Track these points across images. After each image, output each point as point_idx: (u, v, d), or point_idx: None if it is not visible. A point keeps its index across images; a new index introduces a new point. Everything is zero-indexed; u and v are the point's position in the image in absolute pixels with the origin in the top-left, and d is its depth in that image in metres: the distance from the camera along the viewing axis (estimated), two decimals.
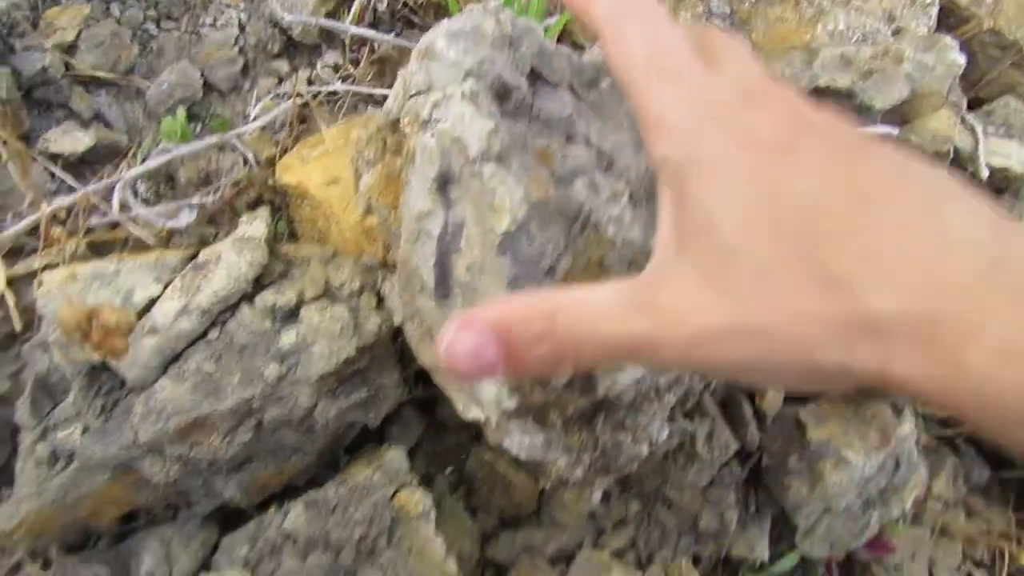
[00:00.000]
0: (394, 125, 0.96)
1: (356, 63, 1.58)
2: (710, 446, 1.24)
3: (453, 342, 0.51)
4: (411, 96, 0.93)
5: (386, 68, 1.60)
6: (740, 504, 1.31)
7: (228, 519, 1.14)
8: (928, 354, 0.33)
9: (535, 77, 1.02)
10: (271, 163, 1.44)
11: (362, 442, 1.28)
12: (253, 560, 1.08)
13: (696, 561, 1.33)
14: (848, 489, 1.25)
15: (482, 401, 0.98)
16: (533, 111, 0.99)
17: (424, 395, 1.32)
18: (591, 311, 0.51)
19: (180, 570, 1.09)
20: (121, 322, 0.61)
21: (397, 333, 1.14)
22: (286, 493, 1.15)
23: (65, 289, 0.99)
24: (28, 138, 1.41)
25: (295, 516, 1.08)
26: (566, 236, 0.93)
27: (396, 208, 0.94)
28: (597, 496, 1.04)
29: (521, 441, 0.99)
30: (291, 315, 1.03)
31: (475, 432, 1.38)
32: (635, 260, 0.97)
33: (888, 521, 1.37)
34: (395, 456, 1.15)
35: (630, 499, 1.34)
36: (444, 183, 0.87)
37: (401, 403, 1.29)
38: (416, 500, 1.13)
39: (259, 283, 1.04)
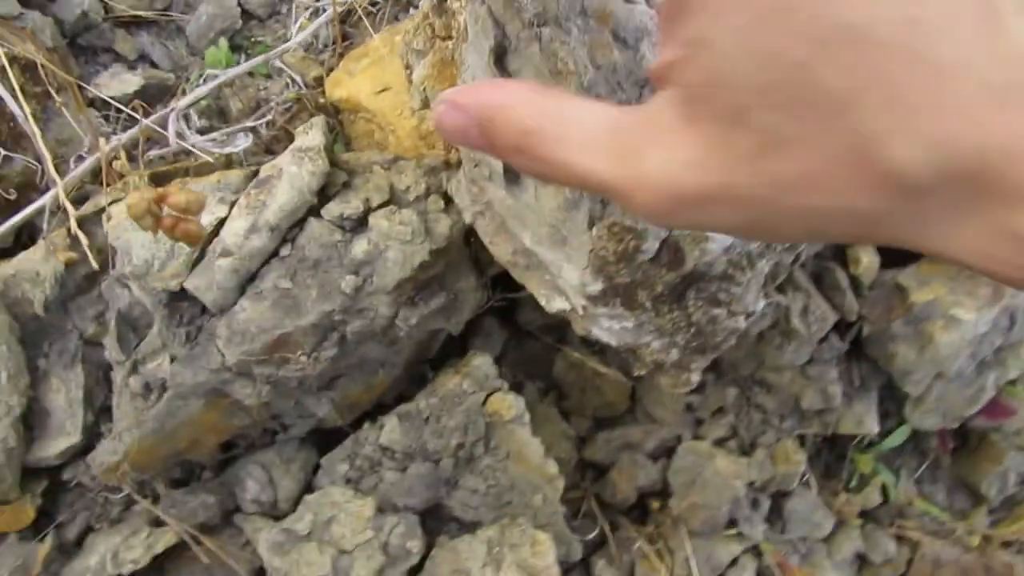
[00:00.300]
0: (440, 6, 0.90)
1: None
2: (806, 320, 1.18)
3: (443, 115, 0.49)
4: None
5: None
6: (843, 379, 1.24)
7: (325, 440, 1.14)
8: (968, 220, 0.27)
9: None
10: (319, 83, 1.40)
11: (446, 355, 1.25)
12: (354, 477, 1.08)
13: (802, 442, 1.28)
14: (960, 350, 1.17)
15: (565, 289, 0.94)
16: None
17: (504, 303, 1.29)
18: (569, 137, 0.45)
19: (284, 494, 1.09)
20: (192, 202, 0.57)
21: (469, 237, 1.10)
22: (378, 410, 1.14)
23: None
24: (80, 87, 1.40)
25: (390, 430, 1.07)
26: (637, 101, 0.86)
27: None
28: (695, 378, 0.99)
29: (610, 327, 0.95)
30: (360, 224, 1.00)
31: (559, 335, 1.35)
32: None
33: (1005, 383, 1.29)
34: (482, 362, 1.12)
35: (726, 386, 1.29)
36: (501, 54, 0.81)
37: (481, 313, 1.26)
38: (508, 404, 1.11)
39: (324, 195, 1.00)
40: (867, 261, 1.21)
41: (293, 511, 1.08)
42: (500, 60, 0.81)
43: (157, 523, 1.05)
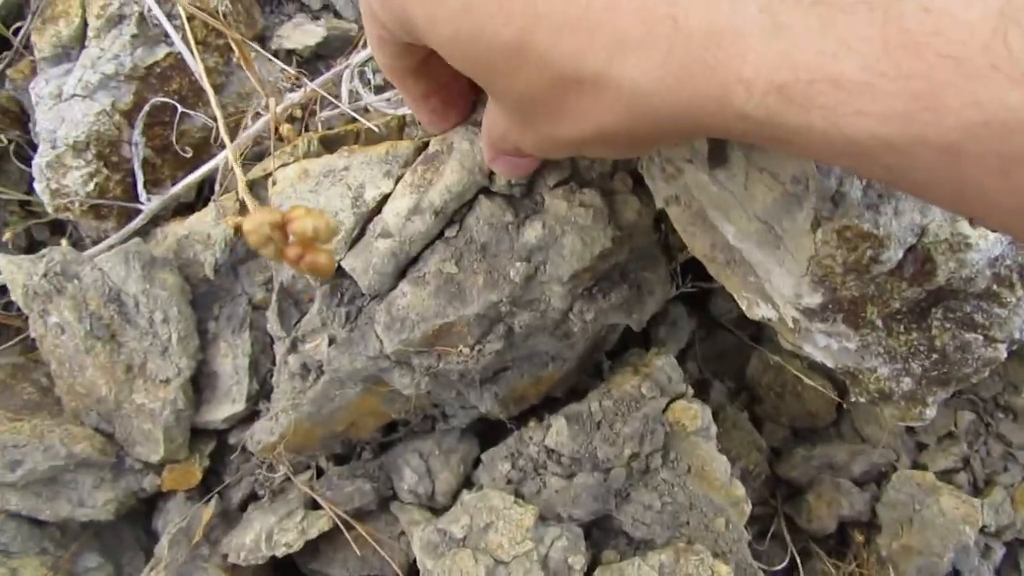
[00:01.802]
0: None
1: None
2: None
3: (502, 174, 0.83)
4: None
5: None
6: None
7: (488, 431, 1.05)
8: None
9: None
10: None
11: (625, 345, 1.12)
12: (516, 478, 0.98)
13: None
14: None
15: (773, 296, 0.78)
16: None
17: (693, 288, 1.13)
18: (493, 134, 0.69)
19: (442, 487, 1.02)
20: (320, 229, 0.46)
21: (659, 220, 0.95)
22: (546, 404, 1.04)
23: (297, 187, 0.91)
24: (263, 39, 1.36)
25: (556, 432, 0.96)
26: None
27: None
28: (930, 413, 0.80)
29: (827, 345, 0.78)
30: (535, 205, 0.88)
31: (756, 331, 1.18)
32: None
33: None
34: (665, 363, 0.98)
35: (960, 408, 1.07)
36: None
37: (668, 299, 1.11)
38: (693, 413, 0.97)
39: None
40: None
41: (451, 504, 1.00)
42: None
43: (314, 504, 1.00)
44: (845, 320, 0.74)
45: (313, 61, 1.38)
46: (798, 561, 1.08)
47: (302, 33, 1.34)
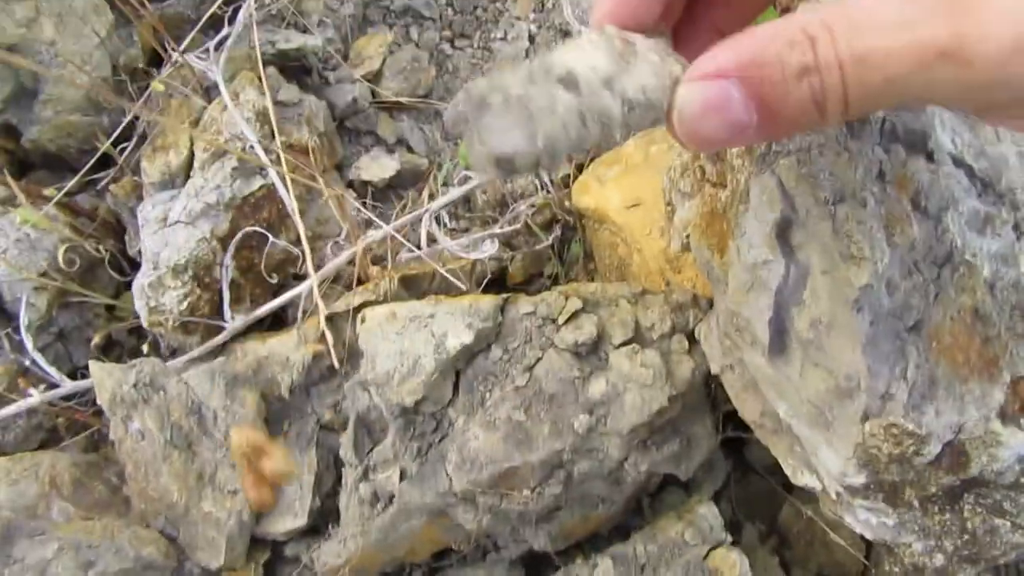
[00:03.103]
0: (716, 154, 0.85)
1: None
2: None
3: (686, 104, 0.44)
4: None
5: None
6: None
7: (535, 564, 1.11)
8: None
9: None
10: (566, 183, 1.39)
11: (664, 484, 1.19)
12: None
13: None
14: None
15: (819, 470, 0.85)
16: (885, 126, 0.83)
17: (733, 435, 1.21)
18: (870, 21, 0.39)
19: None
20: (282, 475, 0.56)
21: (708, 379, 1.04)
22: (591, 540, 1.10)
23: (385, 328, 1.00)
24: (340, 167, 1.48)
25: (603, 571, 1.02)
26: (935, 283, 0.76)
27: (723, 252, 0.83)
28: None
29: (867, 520, 0.85)
30: (600, 361, 0.97)
31: (788, 480, 1.24)
32: (1020, 306, 0.78)
33: None
34: (707, 512, 1.05)
35: (982, 572, 1.13)
36: (785, 227, 0.75)
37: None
38: (732, 562, 1.03)
39: (555, 322, 0.98)
40: None
41: None
42: (783, 233, 0.75)
43: None
44: (885, 499, 0.81)
45: (385, 191, 1.49)
46: None
47: (378, 166, 1.46)
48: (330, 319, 1.13)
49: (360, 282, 1.16)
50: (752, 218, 0.76)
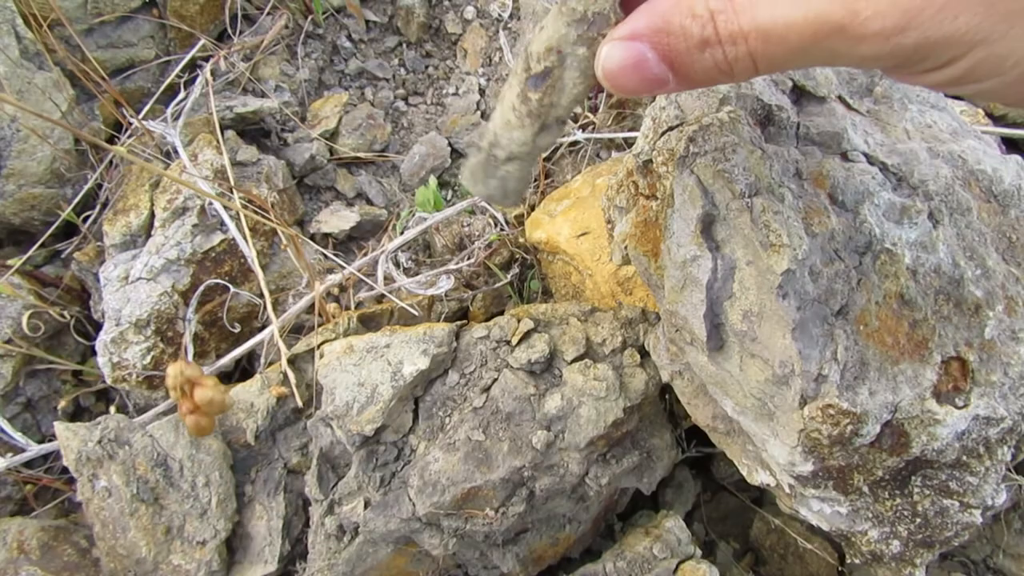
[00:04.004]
0: (646, 167, 0.89)
1: (595, 110, 1.54)
2: None
3: (607, 60, 0.48)
4: (663, 133, 0.86)
5: (625, 111, 1.55)
6: None
7: None
8: None
9: (799, 92, 0.91)
10: (520, 221, 1.43)
11: (635, 507, 1.20)
12: None
13: None
14: None
15: (770, 464, 0.87)
16: (800, 130, 0.88)
17: (698, 454, 1.22)
18: None
19: None
20: (215, 402, 0.60)
21: (665, 389, 1.06)
22: (562, 564, 1.10)
23: (343, 360, 1.02)
24: (302, 222, 1.52)
25: None
26: (857, 270, 0.80)
27: (656, 256, 0.87)
28: (920, 574, 0.87)
29: (821, 510, 0.86)
30: (554, 378, 0.99)
31: (758, 494, 1.25)
32: (943, 290, 0.82)
33: None
34: (674, 524, 1.05)
35: (953, 570, 1.13)
36: (709, 223, 0.78)
37: (674, 463, 1.20)
38: (701, 574, 1.03)
39: (508, 344, 1.00)
40: None
41: None
42: (707, 229, 0.78)
43: None
44: (835, 487, 0.83)
45: (347, 242, 1.53)
46: None
47: (338, 219, 1.50)
48: (292, 361, 1.14)
49: (321, 325, 1.18)
50: (678, 218, 0.80)
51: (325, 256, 1.38)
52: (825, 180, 0.82)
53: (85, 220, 1.39)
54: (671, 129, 0.84)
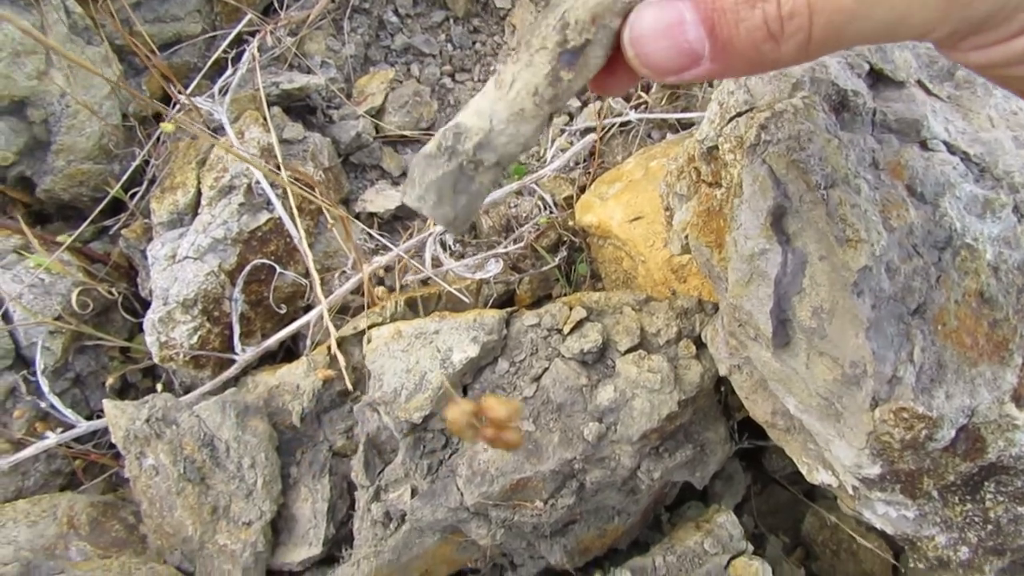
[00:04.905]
0: (710, 153, 0.86)
1: (647, 88, 1.49)
2: None
3: (637, 22, 0.44)
4: (731, 119, 0.82)
5: (679, 90, 1.51)
6: None
7: None
8: None
9: (875, 76, 0.86)
10: (569, 204, 1.40)
11: (684, 498, 1.17)
12: None
13: None
14: None
15: (833, 464, 0.84)
16: (877, 117, 0.83)
17: (749, 446, 1.19)
18: None
19: None
20: (510, 413, 0.57)
21: (720, 381, 1.03)
22: (608, 556, 1.08)
23: (391, 346, 1.00)
24: (347, 201, 1.50)
25: None
26: (936, 266, 0.76)
27: (720, 248, 0.83)
28: None
29: (886, 513, 0.83)
30: (607, 369, 0.96)
31: (810, 488, 1.22)
32: None
33: None
34: (726, 520, 1.03)
35: (1015, 572, 1.09)
36: (779, 215, 0.75)
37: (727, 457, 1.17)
38: (754, 571, 1.00)
39: (559, 332, 0.98)
40: None
41: None
42: (778, 221, 0.75)
43: None
44: (903, 491, 0.79)
45: (392, 222, 1.51)
46: None
47: (383, 198, 1.48)
48: (339, 344, 1.13)
49: (368, 308, 1.16)
50: (746, 209, 0.76)
51: (371, 236, 1.36)
52: (903, 170, 0.78)
53: (132, 197, 1.39)
54: (740, 115, 0.80)
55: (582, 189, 1.40)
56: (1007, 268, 0.77)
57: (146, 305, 1.37)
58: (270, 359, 1.33)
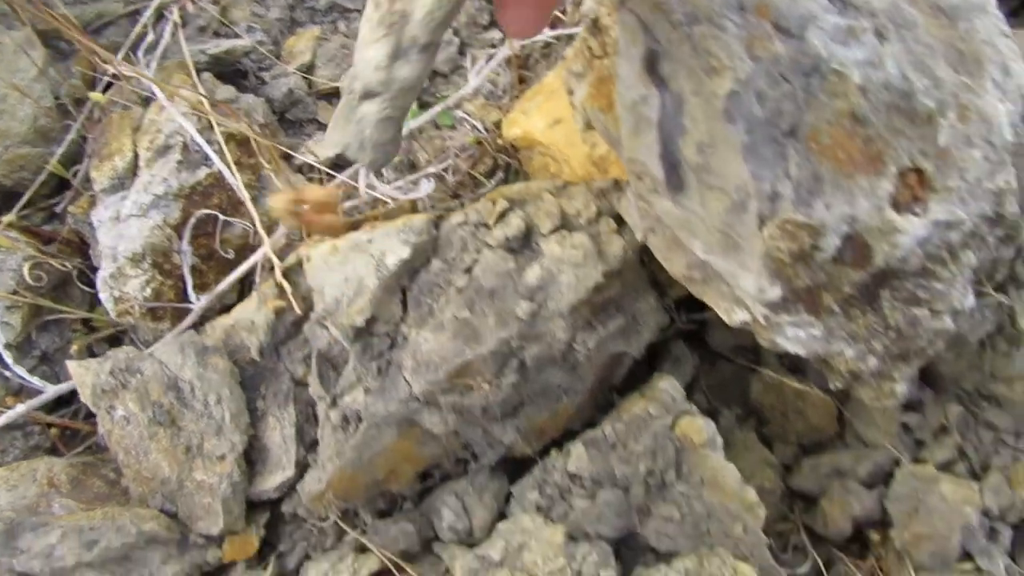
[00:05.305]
0: (595, 25, 0.91)
1: (563, 11, 1.55)
2: None
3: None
4: None
5: None
6: None
7: (517, 469, 1.14)
8: None
9: None
10: (498, 127, 1.45)
11: (634, 383, 1.23)
12: (544, 505, 1.07)
13: None
14: None
15: (744, 299, 0.89)
16: None
17: (692, 326, 1.25)
18: None
19: (479, 522, 1.11)
20: (329, 198, 0.62)
21: (644, 257, 1.08)
22: (566, 438, 1.13)
23: (329, 260, 1.05)
24: (288, 157, 1.54)
25: (576, 456, 1.06)
26: (805, 91, 0.81)
27: (612, 108, 0.89)
28: (900, 389, 0.90)
29: (796, 335, 0.89)
30: (532, 252, 1.01)
31: (754, 356, 1.28)
32: (895, 105, 0.83)
33: None
34: (667, 385, 1.09)
35: (947, 403, 1.16)
36: (653, 60, 0.80)
37: (669, 337, 1.23)
38: (698, 427, 1.06)
39: (486, 227, 1.03)
40: None
41: (488, 539, 1.09)
42: (652, 67, 0.80)
43: (363, 550, 1.10)
44: (807, 309, 0.85)
45: (333, 169, 1.56)
46: (821, 567, 1.14)
47: (322, 148, 1.53)
48: (286, 275, 1.18)
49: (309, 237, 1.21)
50: (623, 61, 0.81)
51: (311, 180, 1.41)
52: (768, 9, 0.83)
53: (75, 175, 1.43)
54: None
55: (508, 113, 1.45)
56: (875, 88, 0.82)
57: None
58: (226, 311, 1.37)
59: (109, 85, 1.46)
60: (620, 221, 1.06)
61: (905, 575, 1.11)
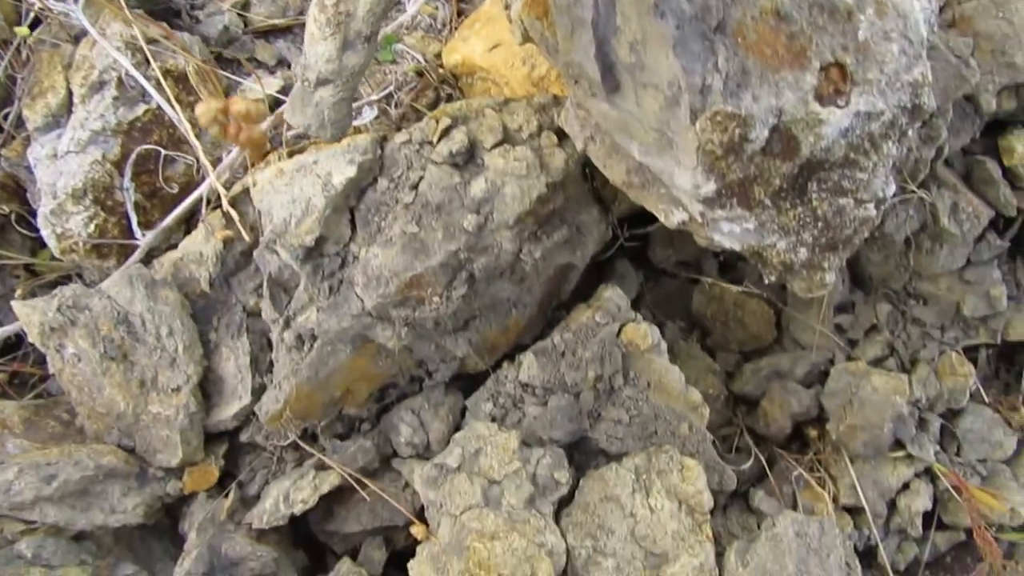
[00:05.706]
0: None
1: None
2: (957, 219, 1.10)
3: None
4: None
5: None
6: (1008, 280, 1.14)
7: (471, 384, 1.18)
8: None
9: None
10: (439, 57, 1.46)
11: (581, 298, 1.26)
12: (498, 415, 1.11)
13: (968, 352, 1.19)
14: None
15: (680, 198, 0.93)
16: None
17: (635, 243, 1.28)
18: None
19: (435, 436, 1.14)
20: (253, 110, 0.64)
21: (586, 171, 1.11)
22: (517, 351, 1.17)
23: (275, 183, 1.06)
24: (227, 93, 1.53)
25: (527, 366, 1.09)
26: None
27: (547, 15, 0.91)
28: (830, 278, 0.95)
29: (731, 230, 0.93)
30: (477, 167, 1.04)
31: (695, 269, 1.33)
32: (816, 3, 0.86)
33: None
34: (613, 294, 1.12)
35: (877, 302, 1.22)
36: None
37: (613, 255, 1.26)
38: (643, 333, 1.10)
39: (430, 144, 1.05)
40: (1022, 150, 1.11)
41: (446, 449, 1.12)
42: None
43: (323, 468, 1.12)
44: (740, 203, 0.89)
45: (273, 107, 1.55)
46: (765, 465, 1.21)
47: (262, 86, 1.51)
48: (233, 204, 1.18)
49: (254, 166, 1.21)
50: None
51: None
52: None
53: (6, 117, 1.40)
54: None
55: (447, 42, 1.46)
56: None
57: None
58: (172, 248, 1.37)
59: (36, 22, 1.43)
60: (561, 136, 1.08)
61: (842, 465, 1.17)
